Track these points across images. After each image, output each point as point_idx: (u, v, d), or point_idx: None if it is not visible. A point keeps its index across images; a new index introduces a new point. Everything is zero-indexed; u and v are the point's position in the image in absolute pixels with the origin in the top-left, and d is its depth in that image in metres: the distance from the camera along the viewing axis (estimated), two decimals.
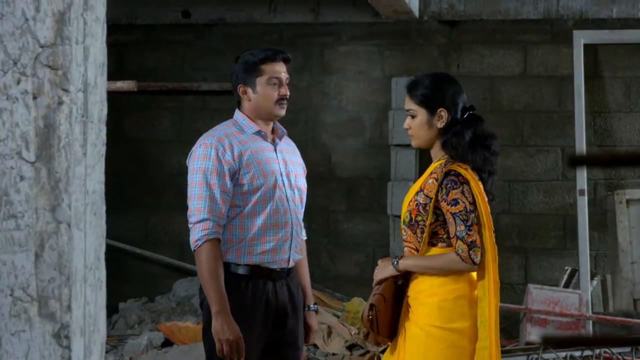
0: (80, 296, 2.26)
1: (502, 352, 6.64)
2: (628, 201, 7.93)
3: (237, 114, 4.04)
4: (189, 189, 4.05)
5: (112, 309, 7.96)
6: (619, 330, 7.47)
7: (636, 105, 8.10)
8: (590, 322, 7.47)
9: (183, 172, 8.39)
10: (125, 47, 8.52)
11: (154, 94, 8.35)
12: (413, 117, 3.83)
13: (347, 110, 8.38)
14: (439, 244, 3.77)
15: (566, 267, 7.86)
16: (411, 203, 3.79)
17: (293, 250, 4.01)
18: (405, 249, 3.87)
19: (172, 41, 8.54)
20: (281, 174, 3.99)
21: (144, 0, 8.44)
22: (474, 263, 3.71)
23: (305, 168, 4.20)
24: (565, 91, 8.08)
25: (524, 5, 8.14)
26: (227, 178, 3.87)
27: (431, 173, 3.79)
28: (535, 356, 6.94)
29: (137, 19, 8.54)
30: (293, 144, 4.21)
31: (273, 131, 4.07)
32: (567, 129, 8.02)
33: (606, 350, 6.82)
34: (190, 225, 3.96)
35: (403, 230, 3.86)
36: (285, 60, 4.04)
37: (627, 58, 8.09)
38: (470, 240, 3.70)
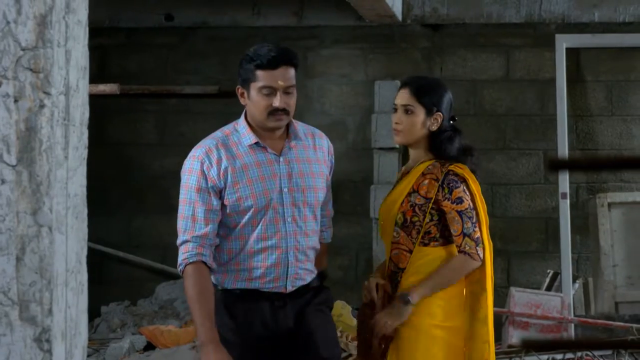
0: (62, 300, 2.25)
1: None
2: (610, 204, 7.95)
3: (241, 119, 3.67)
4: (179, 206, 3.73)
5: (94, 313, 7.92)
6: (601, 333, 7.49)
7: (618, 109, 8.13)
8: (572, 325, 7.48)
9: (166, 175, 8.51)
10: (107, 50, 8.49)
11: (137, 97, 8.31)
12: (407, 112, 3.85)
13: (330, 113, 8.38)
14: (432, 243, 3.82)
15: (548, 270, 7.88)
16: (404, 204, 3.81)
17: (291, 277, 3.64)
18: (395, 251, 3.85)
19: (155, 44, 8.51)
20: (281, 192, 3.62)
21: (127, 3, 8.41)
22: (481, 259, 3.79)
23: (327, 174, 3.78)
24: (547, 95, 8.10)
25: (507, 9, 8.16)
26: (212, 195, 3.56)
27: (424, 174, 3.84)
28: (518, 359, 6.95)
29: (119, 22, 8.50)
30: (317, 142, 3.76)
31: (287, 135, 3.67)
32: (550, 132, 8.04)
33: (588, 353, 6.84)
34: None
35: (395, 232, 3.84)
36: (289, 64, 3.58)
37: (609, 62, 8.11)
38: (476, 237, 3.77)
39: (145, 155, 8.50)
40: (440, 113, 3.88)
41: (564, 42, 7.98)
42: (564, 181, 7.85)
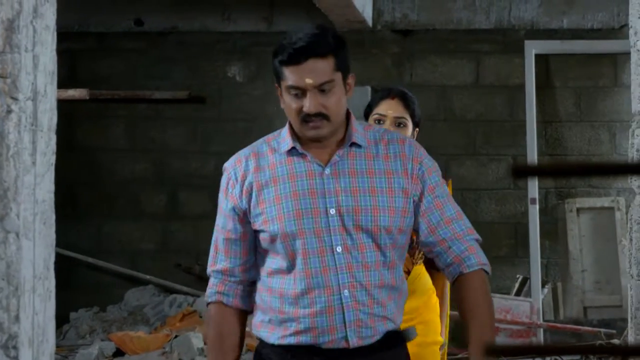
0: (29, 306, 2.23)
1: None
2: (579, 210, 7.99)
3: (288, 121, 2.87)
4: None
5: (62, 319, 7.87)
6: (570, 338, 7.52)
7: (586, 115, 8.17)
8: (541, 330, 7.51)
9: (136, 180, 8.47)
10: (77, 55, 8.43)
11: (107, 102, 8.28)
12: (400, 125, 3.61)
13: None
14: (420, 261, 3.66)
15: (517, 276, 7.90)
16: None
17: (353, 326, 2.74)
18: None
19: (125, 49, 8.47)
20: (326, 213, 2.75)
21: (96, 8, 8.37)
22: None
23: (408, 188, 2.82)
24: (516, 101, 8.13)
25: (476, 15, 8.19)
26: (234, 220, 2.84)
27: None
28: None
29: (89, 26, 8.46)
30: (392, 149, 2.84)
31: (341, 143, 2.81)
32: (519, 138, 8.07)
33: (557, 358, 6.86)
34: None
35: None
36: (318, 56, 2.74)
37: (578, 68, 8.16)
38: None
39: (115, 160, 8.45)
40: (418, 128, 3.71)
41: (533, 49, 8.01)
42: (533, 187, 7.88)
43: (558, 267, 8.10)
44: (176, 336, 7.03)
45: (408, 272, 3.52)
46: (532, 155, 7.86)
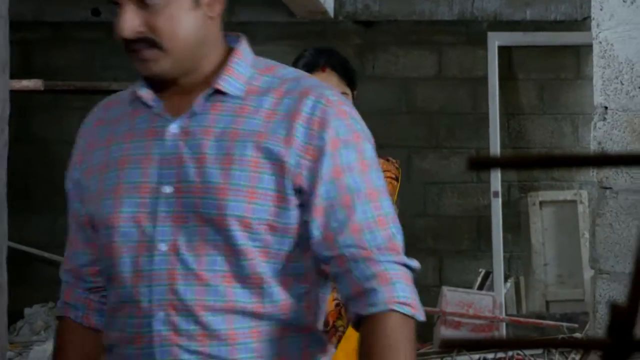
0: None
1: (417, 355, 6.60)
2: (541, 203, 7.97)
3: None
4: None
5: (16, 315, 7.74)
6: (532, 332, 7.49)
7: (549, 107, 8.15)
8: (504, 324, 7.47)
9: None
10: (32, 45, 8.30)
11: (63, 93, 8.14)
12: None
13: None
14: None
15: (480, 269, 7.86)
16: None
17: None
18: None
19: (82, 39, 8.34)
20: (154, 191, 1.89)
21: None
22: None
23: (294, 166, 1.85)
24: (479, 93, 8.08)
25: (439, 7, 8.13)
26: (75, 196, 2.17)
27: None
28: (449, 359, 6.91)
29: (44, 16, 8.32)
30: (286, 103, 1.89)
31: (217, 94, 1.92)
32: (482, 130, 8.02)
33: (519, 352, 6.82)
34: None
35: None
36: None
37: (541, 60, 8.13)
38: None
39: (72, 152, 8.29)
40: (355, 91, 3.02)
41: (496, 40, 7.97)
42: (496, 180, 7.84)
43: (521, 261, 8.08)
44: None
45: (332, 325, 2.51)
46: (495, 148, 7.83)
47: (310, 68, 2.73)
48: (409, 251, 1.91)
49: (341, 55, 2.97)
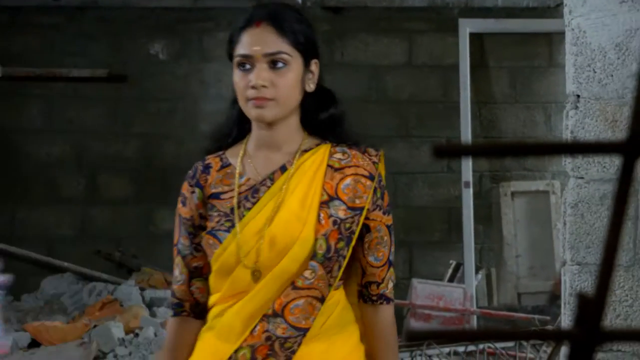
0: None
1: None
2: (513, 194, 7.95)
3: None
4: None
5: None
6: (504, 324, 7.46)
7: (521, 96, 8.10)
8: (475, 316, 7.44)
9: (52, 163, 8.21)
10: None
11: (21, 81, 8.06)
12: (277, 66, 2.29)
13: (227, 99, 8.14)
14: (337, 283, 2.34)
15: (451, 261, 7.83)
16: (323, 222, 2.28)
17: None
18: (301, 300, 2.26)
19: (41, 25, 8.16)
20: None
21: None
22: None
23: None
24: (450, 81, 8.00)
25: None
26: None
27: (335, 168, 2.34)
28: (419, 352, 6.85)
29: (1, 0, 8.18)
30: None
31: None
32: (453, 119, 7.95)
33: (490, 345, 6.77)
34: None
35: (309, 271, 2.26)
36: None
37: (513, 47, 8.06)
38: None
39: (31, 141, 8.18)
40: (317, 60, 2.39)
41: (467, 27, 7.89)
42: (467, 170, 7.79)
43: (492, 252, 8.04)
44: (95, 326, 6.89)
45: (323, 299, 2.28)
46: (467, 137, 7.77)
47: (245, 24, 2.32)
48: None
49: (289, 7, 2.39)
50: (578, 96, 2.74)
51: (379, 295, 2.36)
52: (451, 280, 7.70)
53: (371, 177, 2.33)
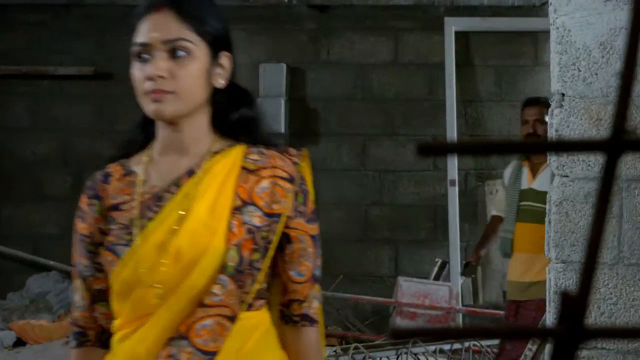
0: None
1: (372, 346, 6.55)
2: (498, 191, 7.94)
3: None
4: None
5: None
6: (489, 323, 7.48)
7: (507, 94, 8.11)
8: (460, 314, 7.45)
9: (38, 161, 8.18)
10: None
11: (7, 78, 8.05)
12: (177, 55, 1.99)
13: None
14: (258, 302, 2.04)
15: (436, 259, 7.83)
16: (235, 231, 1.97)
17: None
18: (209, 320, 1.96)
19: (27, 22, 8.15)
20: None
21: None
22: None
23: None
24: (436, 79, 8.02)
25: None
26: None
27: (250, 169, 2.04)
28: (405, 350, 6.85)
29: None
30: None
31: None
32: (439, 117, 7.97)
33: (475, 342, 6.78)
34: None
35: (218, 287, 1.95)
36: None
37: (498, 46, 8.07)
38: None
39: (16, 140, 8.16)
40: (229, 54, 2.12)
41: (453, 26, 7.92)
42: (453, 168, 7.80)
43: None
44: None
45: (233, 318, 1.97)
46: (452, 135, 7.79)
47: (145, 11, 2.02)
48: (365, 241, 1.80)
49: None
50: (563, 95, 2.75)
51: (302, 316, 2.06)
52: (437, 278, 7.70)
53: (291, 180, 2.03)
